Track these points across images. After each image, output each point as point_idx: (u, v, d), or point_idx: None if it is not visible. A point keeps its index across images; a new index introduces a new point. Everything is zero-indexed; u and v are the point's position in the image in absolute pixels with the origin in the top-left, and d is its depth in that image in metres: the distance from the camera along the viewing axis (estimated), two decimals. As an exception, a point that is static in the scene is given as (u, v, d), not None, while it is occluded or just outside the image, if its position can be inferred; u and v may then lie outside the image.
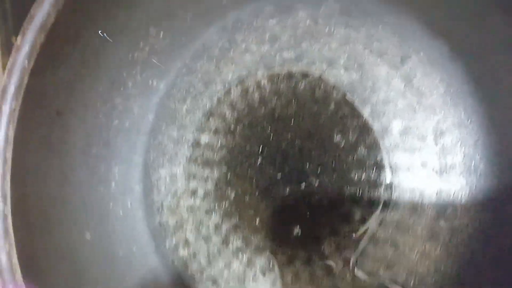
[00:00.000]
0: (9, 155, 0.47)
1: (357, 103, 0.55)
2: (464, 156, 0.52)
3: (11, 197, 0.47)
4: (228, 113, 0.60)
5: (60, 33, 0.49)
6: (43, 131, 0.52)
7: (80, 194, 0.56)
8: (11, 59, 0.49)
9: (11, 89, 0.47)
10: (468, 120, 0.52)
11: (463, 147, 0.52)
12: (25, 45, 0.48)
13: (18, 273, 0.46)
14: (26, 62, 0.48)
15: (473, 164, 0.52)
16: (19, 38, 0.49)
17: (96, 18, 0.52)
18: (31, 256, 0.48)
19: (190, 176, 0.61)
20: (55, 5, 0.48)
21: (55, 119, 0.53)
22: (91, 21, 0.52)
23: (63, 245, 0.52)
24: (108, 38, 0.53)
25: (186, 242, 0.60)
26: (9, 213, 0.47)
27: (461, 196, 0.51)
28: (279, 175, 0.57)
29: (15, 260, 0.46)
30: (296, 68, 0.58)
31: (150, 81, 0.62)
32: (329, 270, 0.56)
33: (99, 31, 0.51)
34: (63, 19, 0.49)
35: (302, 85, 0.57)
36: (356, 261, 0.54)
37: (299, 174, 0.56)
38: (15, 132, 0.48)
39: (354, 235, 0.54)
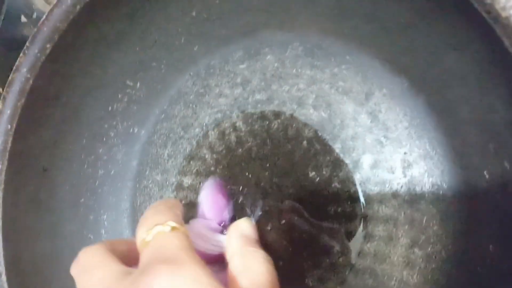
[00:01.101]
0: None
1: (328, 140, 0.57)
2: (432, 186, 0.54)
3: (4, 257, 0.50)
4: (207, 155, 0.62)
5: (40, 96, 0.52)
6: (31, 189, 0.54)
7: (72, 245, 0.58)
8: None
9: None
10: (433, 151, 0.54)
11: (431, 177, 0.54)
12: (7, 109, 0.51)
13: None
14: (9, 125, 0.50)
15: (441, 193, 0.53)
16: (0, 103, 0.52)
17: (72, 78, 0.55)
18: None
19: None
20: (32, 70, 0.50)
21: (42, 176, 0.55)
22: (68, 81, 0.54)
23: None
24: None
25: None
26: (3, 272, 0.50)
27: (432, 224, 0.53)
28: (260, 213, 0.59)
29: None
30: (268, 109, 0.61)
31: (131, 129, 0.64)
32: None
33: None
34: (41, 82, 0.51)
35: (275, 125, 0.60)
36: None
37: (279, 211, 0.58)
38: (3, 193, 0.50)
39: (336, 266, 0.56)
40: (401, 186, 0.55)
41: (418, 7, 0.47)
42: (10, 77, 0.51)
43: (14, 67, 0.51)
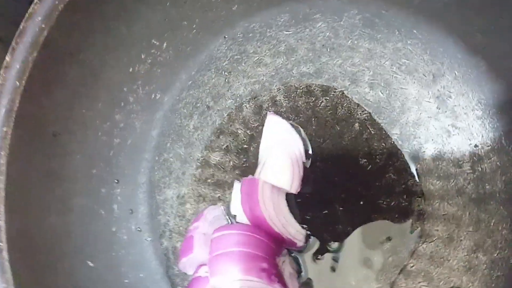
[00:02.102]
0: (2, 185, 0.44)
1: (384, 124, 0.52)
2: (504, 185, 0.49)
3: (7, 231, 0.44)
4: (240, 131, 0.56)
5: (55, 50, 0.46)
6: (40, 156, 0.48)
7: (81, 221, 0.53)
8: (0, 79, 0.45)
9: (1, 113, 0.44)
10: (509, 146, 0.49)
11: (504, 175, 0.49)
12: (16, 63, 0.44)
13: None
14: (17, 83, 0.44)
15: (515, 193, 0.49)
16: (8, 56, 0.45)
17: (92, 33, 0.49)
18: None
19: (199, 198, 0.57)
20: (48, 19, 0.44)
21: (52, 142, 0.49)
22: (87, 36, 0.48)
23: (67, 278, 0.49)
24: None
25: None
26: (5, 248, 0.44)
27: (501, 228, 0.49)
28: (298, 201, 0.54)
29: None
30: (315, 84, 0.54)
31: (153, 95, 0.58)
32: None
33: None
34: (57, 35, 0.45)
35: (322, 102, 0.54)
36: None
37: (321, 200, 0.53)
38: (7, 160, 0.44)
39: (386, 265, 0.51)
40: (468, 183, 0.50)
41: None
42: (21, 26, 0.44)
43: (27, 15, 0.44)
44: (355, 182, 0.52)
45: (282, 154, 0.52)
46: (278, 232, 0.50)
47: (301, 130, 0.54)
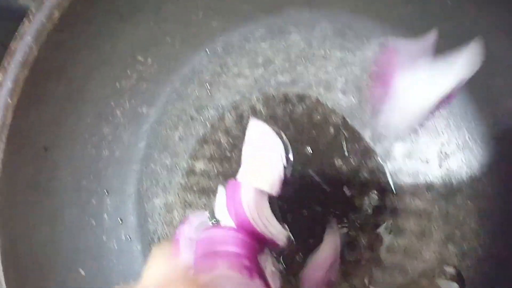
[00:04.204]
0: None
1: (357, 127, 0.54)
2: (470, 180, 0.51)
3: (1, 247, 0.46)
4: (223, 139, 0.58)
5: (44, 68, 0.48)
6: (31, 170, 0.50)
7: (73, 232, 0.54)
8: None
9: None
10: (473, 143, 0.52)
11: (469, 170, 0.52)
12: (7, 81, 0.46)
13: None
14: (9, 100, 0.46)
15: (480, 187, 0.51)
16: (0, 74, 0.47)
17: (79, 51, 0.51)
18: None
19: (186, 205, 0.59)
20: (37, 39, 0.46)
21: (43, 156, 0.51)
22: (75, 54, 0.50)
23: (60, 286, 0.51)
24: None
25: (186, 273, 0.59)
26: None
27: (469, 220, 0.51)
28: (279, 203, 0.56)
29: None
30: (292, 92, 0.57)
31: (139, 109, 0.60)
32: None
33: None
34: (46, 54, 0.47)
35: (299, 109, 0.56)
36: None
37: (300, 202, 0.55)
38: (1, 174, 0.46)
39: (362, 262, 0.53)
40: (437, 179, 0.52)
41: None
42: (11, 46, 0.46)
43: (16, 35, 0.46)
44: (331, 182, 0.54)
45: (263, 157, 0.54)
46: (261, 233, 0.53)
47: (283, 135, 0.56)
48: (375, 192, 0.53)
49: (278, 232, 0.54)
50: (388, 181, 0.53)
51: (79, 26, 0.49)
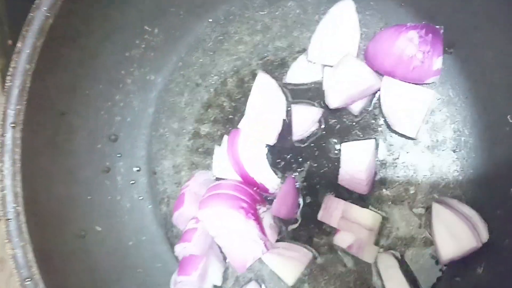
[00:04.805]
0: (18, 156, 0.49)
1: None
2: (453, 132, 0.54)
3: (23, 197, 0.49)
4: (226, 103, 0.62)
5: (58, 36, 0.51)
6: (49, 132, 0.54)
7: (87, 191, 0.58)
8: (12, 63, 0.50)
9: (15, 92, 0.49)
10: (456, 97, 0.54)
11: (453, 124, 0.54)
12: (26, 48, 0.50)
13: (34, 267, 0.48)
14: (27, 65, 0.49)
15: (463, 139, 0.54)
16: (19, 42, 0.50)
17: (91, 20, 0.54)
18: (45, 253, 0.50)
19: (192, 166, 0.63)
20: (52, 8, 0.49)
21: (60, 119, 0.54)
22: (87, 23, 0.54)
23: (75, 240, 0.55)
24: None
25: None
26: (22, 212, 0.49)
27: (453, 170, 0.54)
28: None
29: (30, 256, 0.48)
30: (288, 56, 0.60)
31: (148, 76, 0.64)
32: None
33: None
34: (61, 22, 0.50)
35: (295, 72, 0.59)
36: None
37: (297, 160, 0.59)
38: (22, 134, 0.49)
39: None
40: (423, 133, 0.55)
41: None
42: (29, 15, 0.50)
43: (34, 5, 0.50)
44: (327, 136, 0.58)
45: (266, 109, 0.57)
46: (252, 177, 0.56)
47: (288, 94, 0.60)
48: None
49: (269, 179, 0.58)
50: (378, 137, 0.57)
51: (90, -3, 0.52)
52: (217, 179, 0.61)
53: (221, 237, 0.55)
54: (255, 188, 0.57)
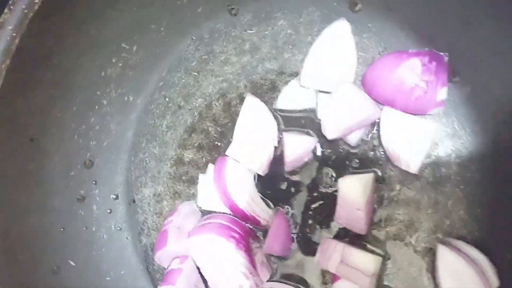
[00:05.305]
0: None
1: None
2: (459, 167, 0.51)
3: None
4: (211, 128, 0.58)
5: (28, 56, 0.47)
6: (19, 159, 0.50)
7: (60, 222, 0.54)
8: None
9: None
10: (462, 130, 0.51)
11: (458, 159, 0.51)
12: None
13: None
14: None
15: (469, 175, 0.51)
16: None
17: (64, 37, 0.50)
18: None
19: (175, 195, 0.59)
20: (19, 27, 0.45)
21: (30, 146, 0.50)
22: (59, 40, 0.49)
23: (48, 277, 0.51)
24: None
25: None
26: None
27: (458, 208, 0.51)
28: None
29: None
30: (279, 79, 0.56)
31: (126, 97, 0.59)
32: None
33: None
34: (30, 41, 0.46)
35: (286, 97, 0.55)
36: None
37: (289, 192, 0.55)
38: None
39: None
40: (425, 167, 0.52)
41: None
42: None
43: None
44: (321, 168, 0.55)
45: (255, 135, 0.54)
46: (242, 209, 0.53)
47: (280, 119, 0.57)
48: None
49: (261, 211, 0.55)
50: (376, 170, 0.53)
51: (61, 13, 0.47)
52: (202, 210, 0.57)
53: (208, 268, 0.51)
54: (245, 223, 0.54)
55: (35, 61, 0.48)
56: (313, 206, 0.55)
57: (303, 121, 0.56)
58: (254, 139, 0.53)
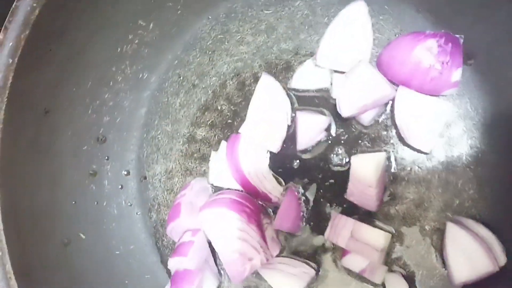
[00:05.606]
0: None
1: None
2: (470, 148, 0.52)
3: (2, 204, 0.45)
4: (224, 107, 0.58)
5: (45, 29, 0.47)
6: (31, 132, 0.50)
7: (72, 196, 0.55)
8: None
9: None
10: (474, 112, 0.52)
11: (470, 139, 0.51)
12: (8, 41, 0.46)
13: (12, 280, 0.44)
14: (10, 59, 0.45)
15: (480, 156, 0.51)
16: (1, 34, 0.46)
17: (81, 13, 0.50)
18: (25, 266, 0.46)
19: (186, 172, 0.59)
20: None
21: (43, 119, 0.50)
22: (76, 16, 0.50)
23: (58, 249, 0.51)
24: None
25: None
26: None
27: (468, 188, 0.51)
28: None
29: (8, 267, 0.44)
30: (294, 60, 0.57)
31: (141, 75, 0.60)
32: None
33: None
34: (48, 14, 0.47)
35: (301, 77, 0.56)
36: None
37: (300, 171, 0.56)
38: (2, 134, 0.45)
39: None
40: (437, 147, 0.53)
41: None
42: (13, 5, 0.46)
43: None
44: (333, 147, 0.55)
45: (269, 113, 0.55)
46: (254, 185, 0.54)
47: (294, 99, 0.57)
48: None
49: (272, 187, 0.56)
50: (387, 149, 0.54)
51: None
52: (214, 186, 0.58)
53: (220, 242, 0.52)
54: (256, 200, 0.54)
55: (50, 35, 0.48)
56: (324, 184, 0.55)
57: (317, 101, 0.56)
58: (268, 117, 0.54)
